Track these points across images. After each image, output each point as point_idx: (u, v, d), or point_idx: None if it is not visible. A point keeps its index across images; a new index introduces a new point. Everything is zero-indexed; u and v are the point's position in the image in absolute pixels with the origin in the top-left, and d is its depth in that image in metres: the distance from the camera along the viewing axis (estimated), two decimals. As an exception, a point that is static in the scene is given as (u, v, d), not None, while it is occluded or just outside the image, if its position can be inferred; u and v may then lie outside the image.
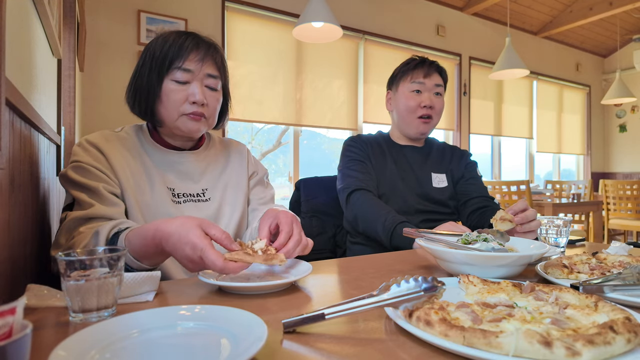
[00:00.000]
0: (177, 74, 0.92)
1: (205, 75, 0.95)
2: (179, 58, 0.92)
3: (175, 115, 0.94)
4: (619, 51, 6.34)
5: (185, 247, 0.65)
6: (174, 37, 0.94)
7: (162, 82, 0.93)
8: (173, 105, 0.93)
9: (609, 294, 0.61)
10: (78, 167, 0.88)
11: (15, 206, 0.75)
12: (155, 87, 0.93)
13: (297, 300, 0.63)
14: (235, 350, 0.42)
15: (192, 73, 0.93)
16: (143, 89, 0.94)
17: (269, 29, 3.55)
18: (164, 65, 0.92)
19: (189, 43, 0.93)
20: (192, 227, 0.66)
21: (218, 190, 1.04)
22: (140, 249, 0.72)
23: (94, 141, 0.93)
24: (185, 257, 0.67)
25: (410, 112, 1.46)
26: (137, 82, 0.96)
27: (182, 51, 0.92)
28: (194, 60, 0.93)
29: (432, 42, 4.57)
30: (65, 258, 0.52)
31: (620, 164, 6.47)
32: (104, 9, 2.85)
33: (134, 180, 0.93)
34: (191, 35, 0.96)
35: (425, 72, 1.46)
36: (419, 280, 0.52)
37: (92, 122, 2.76)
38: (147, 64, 0.94)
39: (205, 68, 0.95)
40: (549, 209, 3.54)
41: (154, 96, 0.94)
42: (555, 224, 1.04)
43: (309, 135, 4.13)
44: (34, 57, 0.98)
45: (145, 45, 0.97)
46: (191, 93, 0.93)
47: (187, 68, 0.92)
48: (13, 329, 0.30)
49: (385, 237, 1.22)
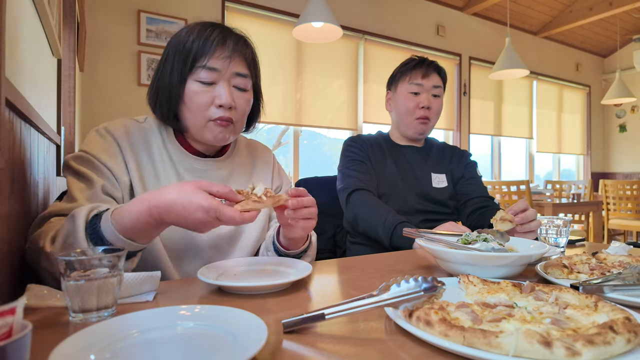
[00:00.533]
0: (202, 74, 0.83)
1: (233, 74, 0.86)
2: (203, 55, 0.83)
3: (201, 120, 0.85)
4: (619, 51, 6.34)
5: (195, 213, 0.62)
6: (199, 30, 0.85)
7: (185, 82, 0.84)
8: (198, 109, 0.84)
9: (609, 294, 0.61)
10: (83, 159, 0.81)
11: (15, 206, 0.75)
12: (177, 88, 0.84)
13: (297, 300, 0.63)
14: (235, 351, 0.42)
15: (218, 72, 0.84)
16: (165, 89, 0.86)
17: (269, 29, 3.55)
18: (187, 63, 0.83)
19: (214, 37, 0.83)
20: (194, 191, 0.63)
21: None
22: (134, 227, 0.65)
23: (114, 132, 0.85)
24: (197, 222, 0.63)
25: (408, 114, 1.46)
26: (158, 81, 0.87)
27: (206, 47, 0.83)
28: (220, 57, 0.83)
29: (432, 42, 4.57)
30: (65, 258, 0.52)
31: (620, 164, 6.47)
32: (103, 9, 2.85)
33: (150, 182, 0.87)
34: (218, 28, 0.86)
35: (424, 72, 1.45)
36: (418, 280, 0.52)
37: (92, 122, 2.75)
38: (169, 61, 0.86)
39: (233, 66, 0.85)
40: (549, 209, 3.54)
41: (176, 98, 0.85)
42: (555, 224, 1.04)
43: (309, 135, 4.13)
44: (34, 57, 0.98)
45: (170, 38, 0.89)
46: (217, 95, 0.84)
47: (213, 67, 0.83)
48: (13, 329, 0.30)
49: (385, 237, 1.22)
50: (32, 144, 0.93)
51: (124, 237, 0.65)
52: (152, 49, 3.01)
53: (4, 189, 0.65)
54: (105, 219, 0.66)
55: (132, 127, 0.89)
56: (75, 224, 0.65)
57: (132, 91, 2.94)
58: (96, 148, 0.83)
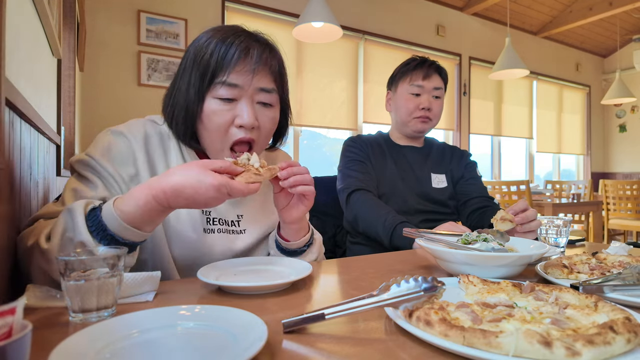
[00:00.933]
0: (221, 90, 0.76)
1: (257, 89, 0.78)
2: (222, 69, 0.75)
3: (218, 143, 0.79)
4: (619, 51, 6.34)
5: (207, 192, 0.61)
6: (219, 39, 0.76)
7: (204, 99, 0.77)
8: (217, 130, 0.78)
9: (609, 294, 0.61)
10: (88, 165, 0.76)
11: (15, 206, 0.75)
12: (195, 106, 0.77)
13: (297, 300, 0.63)
14: (235, 351, 0.42)
15: (239, 88, 0.77)
16: (181, 106, 0.78)
17: (268, 29, 3.52)
18: (205, 78, 0.76)
19: (236, 48, 0.75)
20: (201, 171, 0.62)
21: (256, 222, 0.91)
22: (141, 215, 0.63)
23: (130, 138, 0.79)
24: (209, 199, 0.62)
25: (408, 114, 1.46)
26: (175, 96, 0.80)
27: (226, 60, 0.75)
28: (242, 71, 0.76)
29: (432, 42, 4.57)
30: (65, 258, 0.52)
31: (620, 164, 6.47)
32: (103, 9, 2.85)
33: None
34: (240, 37, 0.77)
35: (425, 73, 1.45)
36: (418, 280, 0.52)
37: (92, 122, 2.76)
38: (186, 73, 0.78)
39: (257, 81, 0.78)
40: (549, 209, 3.54)
41: (193, 116, 0.78)
42: (555, 224, 1.04)
43: (309, 136, 4.13)
44: (34, 57, 0.98)
45: (188, 48, 0.81)
46: (239, 114, 0.77)
47: (233, 82, 0.76)
48: (13, 329, 0.30)
49: (385, 237, 1.22)
50: (32, 144, 0.93)
51: (130, 226, 0.63)
52: (152, 49, 3.01)
53: (3, 189, 0.65)
54: (107, 209, 0.63)
55: (150, 131, 0.83)
56: (74, 217, 0.62)
57: (132, 91, 2.94)
58: (104, 153, 0.77)
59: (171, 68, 3.06)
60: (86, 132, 2.70)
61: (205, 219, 0.85)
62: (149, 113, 0.93)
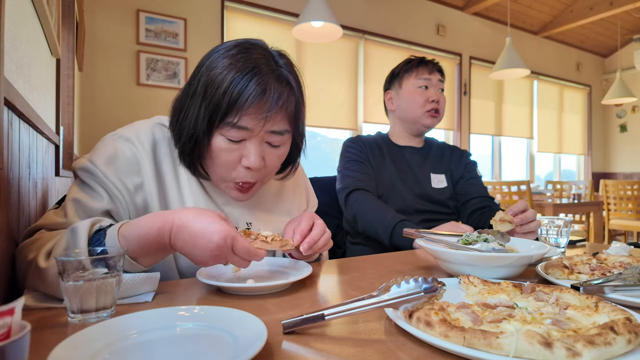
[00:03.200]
0: (230, 132, 0.72)
1: (268, 132, 0.75)
2: (235, 110, 0.70)
3: (224, 177, 0.78)
4: (620, 51, 6.34)
5: (212, 236, 0.58)
6: (235, 74, 0.70)
7: (212, 135, 0.74)
8: (223, 166, 0.76)
9: (610, 295, 0.60)
10: (90, 172, 0.74)
11: (14, 206, 0.74)
12: (203, 139, 0.74)
13: (297, 300, 0.63)
14: (235, 351, 0.42)
15: (249, 131, 0.73)
16: (189, 135, 0.74)
17: (268, 29, 3.55)
18: (215, 116, 0.71)
19: (251, 91, 0.69)
20: (214, 217, 0.61)
21: (265, 227, 0.89)
22: (140, 243, 0.62)
23: (137, 145, 0.77)
24: (210, 247, 0.59)
25: (419, 107, 1.46)
26: (182, 120, 0.75)
27: (240, 102, 0.70)
28: (255, 114, 0.71)
29: (432, 42, 4.57)
30: (64, 258, 0.52)
31: (621, 164, 6.47)
32: (103, 9, 2.85)
33: (172, 204, 0.79)
34: (258, 74, 0.70)
35: (430, 69, 1.48)
36: (419, 281, 0.52)
37: (91, 122, 2.76)
38: (196, 100, 0.73)
39: (270, 125, 0.74)
40: (550, 209, 3.54)
41: (200, 149, 0.75)
42: (555, 225, 1.04)
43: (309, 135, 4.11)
44: (33, 57, 0.98)
45: (205, 56, 0.76)
46: (245, 155, 0.74)
47: (244, 126, 0.72)
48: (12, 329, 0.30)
49: (385, 236, 1.21)
50: (31, 143, 0.93)
51: (129, 257, 0.63)
52: (151, 49, 3.01)
53: (2, 189, 0.65)
54: (111, 235, 0.62)
55: (159, 137, 0.80)
56: (77, 240, 0.61)
57: (131, 91, 2.94)
58: (108, 161, 0.74)
59: (170, 68, 3.06)
60: (85, 132, 2.70)
61: None
62: (148, 113, 0.93)
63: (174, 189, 0.80)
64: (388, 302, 0.50)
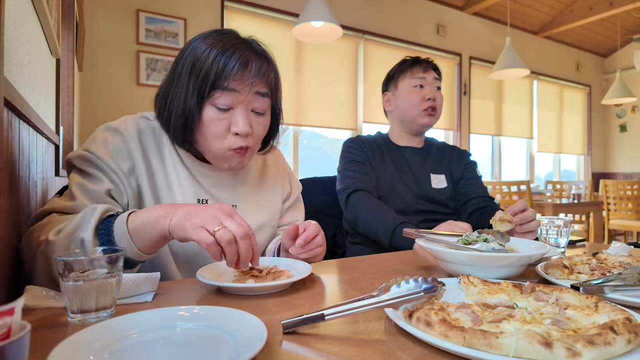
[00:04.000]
0: (220, 99, 0.79)
1: (254, 95, 0.81)
2: (222, 79, 0.78)
3: (217, 149, 0.82)
4: (620, 51, 6.34)
5: (209, 208, 0.64)
6: (219, 50, 0.78)
7: (202, 108, 0.79)
8: (214, 137, 0.81)
9: (610, 295, 0.60)
10: (87, 160, 0.78)
11: (14, 206, 0.74)
12: (193, 114, 0.79)
13: (297, 300, 0.63)
14: (235, 351, 0.42)
15: (237, 94, 0.79)
16: (179, 114, 0.80)
17: (268, 29, 3.55)
18: (205, 85, 0.78)
19: (235, 62, 0.77)
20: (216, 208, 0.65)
21: (250, 212, 0.94)
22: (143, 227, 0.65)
23: (125, 133, 0.82)
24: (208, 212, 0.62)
25: (415, 106, 1.46)
26: (171, 104, 0.81)
27: (226, 71, 0.77)
28: (242, 80, 0.79)
29: (432, 42, 4.57)
30: (64, 258, 0.52)
31: (621, 164, 6.47)
32: (103, 9, 2.85)
33: (160, 185, 0.84)
34: (239, 48, 0.79)
35: (424, 68, 1.48)
36: (419, 281, 0.52)
37: (91, 121, 2.75)
38: (183, 81, 0.80)
39: (256, 86, 0.81)
40: (550, 209, 3.54)
41: (192, 124, 0.80)
42: (555, 225, 1.04)
43: (309, 136, 4.13)
44: (33, 57, 0.98)
45: (186, 45, 0.83)
46: (234, 122, 0.80)
47: (233, 88, 0.79)
48: (11, 329, 0.30)
49: (385, 238, 1.21)
50: (31, 143, 0.93)
51: (130, 240, 0.66)
52: (151, 49, 3.01)
53: (2, 189, 0.65)
54: (120, 219, 0.66)
55: (143, 127, 0.85)
56: (87, 218, 0.66)
57: (131, 91, 2.94)
58: (103, 149, 0.79)
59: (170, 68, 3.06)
60: (85, 132, 2.69)
61: None
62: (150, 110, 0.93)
63: (161, 172, 0.86)
64: (388, 302, 0.50)
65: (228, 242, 0.61)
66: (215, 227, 0.61)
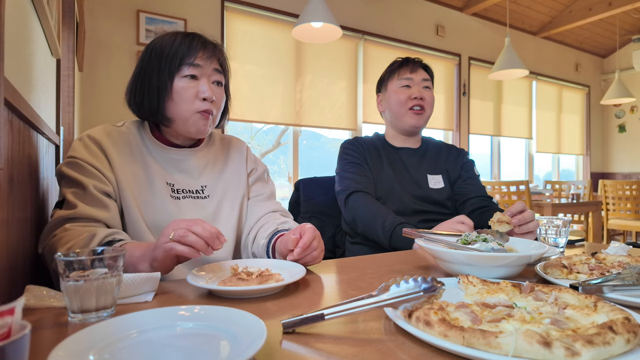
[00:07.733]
0: (188, 70, 0.95)
1: (213, 70, 0.99)
2: (189, 55, 0.95)
3: (186, 113, 0.96)
4: (618, 51, 6.34)
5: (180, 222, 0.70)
6: (182, 37, 0.97)
7: (173, 80, 0.95)
8: (184, 102, 0.95)
9: (608, 294, 0.61)
10: (72, 163, 0.90)
11: (14, 206, 0.74)
12: (166, 85, 0.95)
13: (296, 300, 0.63)
14: (235, 351, 0.42)
15: (201, 68, 0.96)
16: (152, 88, 0.96)
17: (268, 29, 3.55)
18: (175, 62, 0.95)
19: (197, 42, 0.97)
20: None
21: (217, 188, 1.06)
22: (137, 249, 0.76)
23: (95, 136, 0.95)
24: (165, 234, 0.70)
25: (402, 106, 1.47)
26: (143, 82, 0.97)
27: (191, 49, 0.96)
28: (203, 57, 0.97)
29: (432, 42, 4.57)
30: (64, 258, 0.52)
31: (620, 164, 6.48)
32: (103, 9, 2.85)
33: (133, 175, 0.96)
34: (197, 36, 1.00)
35: (412, 68, 1.50)
36: (418, 281, 0.52)
37: (91, 122, 2.75)
38: (153, 63, 0.96)
39: (213, 64, 0.99)
40: (549, 209, 3.54)
41: (164, 94, 0.96)
42: (554, 224, 1.04)
43: (309, 136, 4.13)
44: (33, 57, 0.98)
45: (147, 46, 1.00)
46: (201, 90, 0.96)
47: (197, 64, 0.96)
48: (12, 329, 0.30)
49: (384, 238, 1.21)
50: (31, 144, 0.93)
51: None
52: (152, 49, 3.01)
53: (2, 189, 0.65)
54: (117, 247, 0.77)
55: (112, 131, 0.99)
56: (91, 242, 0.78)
57: (132, 91, 2.94)
58: (82, 153, 0.92)
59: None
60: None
61: (169, 188, 0.99)
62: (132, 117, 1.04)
63: (133, 164, 0.98)
64: (387, 302, 0.50)
65: (183, 235, 0.68)
66: (170, 235, 0.70)
